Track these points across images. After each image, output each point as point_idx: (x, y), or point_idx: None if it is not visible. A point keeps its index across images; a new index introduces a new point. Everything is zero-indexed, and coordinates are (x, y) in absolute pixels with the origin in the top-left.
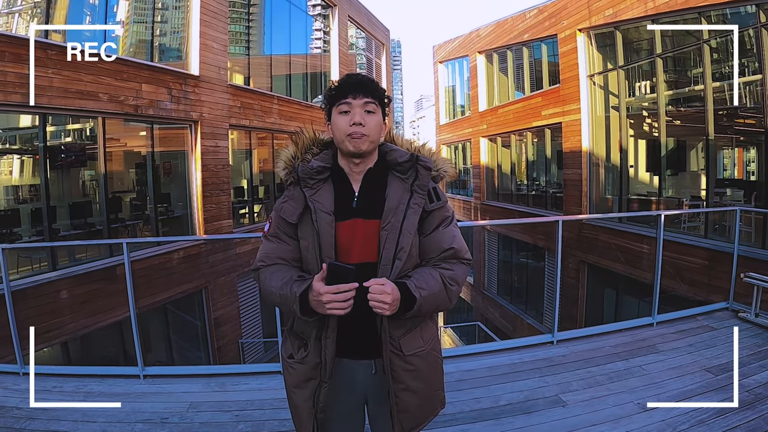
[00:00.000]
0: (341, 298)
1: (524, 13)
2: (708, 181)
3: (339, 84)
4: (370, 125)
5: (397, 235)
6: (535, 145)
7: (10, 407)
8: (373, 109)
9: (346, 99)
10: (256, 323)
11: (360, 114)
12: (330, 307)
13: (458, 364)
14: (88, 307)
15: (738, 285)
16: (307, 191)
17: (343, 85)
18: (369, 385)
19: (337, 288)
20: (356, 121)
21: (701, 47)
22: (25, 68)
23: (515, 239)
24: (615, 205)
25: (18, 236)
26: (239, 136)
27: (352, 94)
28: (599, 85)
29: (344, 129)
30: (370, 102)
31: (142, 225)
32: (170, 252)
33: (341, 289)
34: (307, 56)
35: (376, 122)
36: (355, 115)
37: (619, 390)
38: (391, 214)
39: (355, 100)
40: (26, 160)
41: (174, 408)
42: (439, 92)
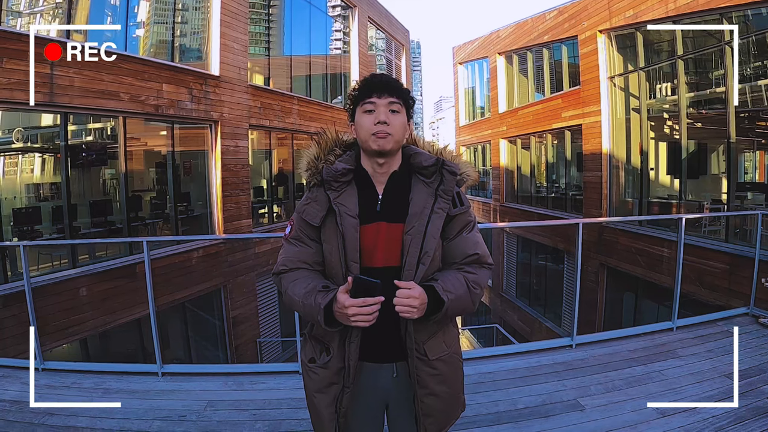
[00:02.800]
0: (367, 311)
1: (544, 15)
2: (729, 185)
3: (363, 83)
4: (395, 125)
5: (421, 239)
6: (555, 147)
7: (29, 402)
8: (398, 109)
9: (371, 98)
10: (274, 323)
11: (385, 113)
12: (355, 320)
13: (476, 367)
14: (107, 304)
15: (759, 290)
16: (331, 194)
17: (368, 84)
18: (390, 389)
19: (363, 301)
20: (381, 119)
21: (723, 49)
22: (47, 68)
23: (534, 241)
24: (635, 208)
25: (39, 233)
26: (259, 136)
27: (377, 94)
28: (620, 86)
29: (369, 128)
30: (395, 102)
31: (161, 224)
32: (189, 251)
33: (367, 302)
34: (326, 57)
35: (400, 122)
36: (380, 114)
37: (638, 395)
38: (416, 219)
39: (380, 100)
40: (47, 159)
41: (192, 406)
42: (458, 93)
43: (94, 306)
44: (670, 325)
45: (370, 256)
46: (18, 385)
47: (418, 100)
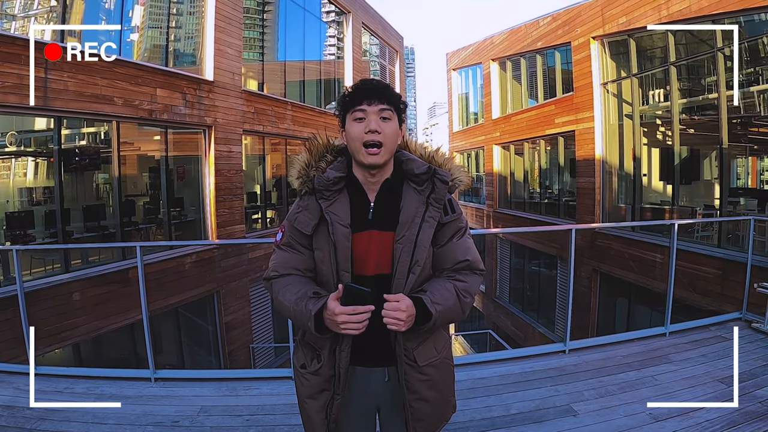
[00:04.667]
0: (356, 320)
1: (538, 21)
2: (721, 190)
3: (353, 90)
4: (387, 133)
5: (411, 248)
6: (548, 153)
7: (21, 407)
8: (389, 115)
9: (361, 105)
10: (267, 328)
11: (375, 121)
12: (345, 328)
13: (469, 372)
14: (100, 309)
15: (751, 295)
16: (323, 202)
17: (358, 91)
18: (382, 393)
19: (354, 309)
20: (372, 128)
21: (715, 55)
22: (41, 71)
23: (527, 247)
24: (628, 214)
25: (32, 238)
26: (253, 141)
27: (367, 101)
28: (613, 93)
29: (359, 137)
30: (386, 108)
31: (155, 229)
32: (183, 256)
33: (357, 310)
34: (320, 62)
35: (392, 129)
36: (370, 122)
37: (631, 400)
38: (406, 227)
39: (371, 107)
40: (41, 163)
41: (185, 411)
42: (452, 99)
43: (87, 311)
44: (663, 330)
45: (362, 264)
46: (10, 390)
47: (412, 106)
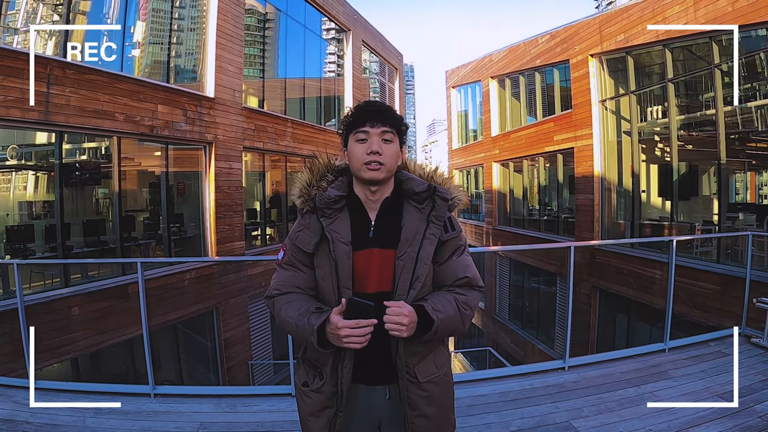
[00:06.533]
0: (359, 333)
1: (536, 39)
2: (720, 206)
3: (357, 111)
4: (387, 154)
5: (413, 265)
6: (547, 170)
7: (20, 421)
8: (391, 138)
9: (364, 127)
10: (266, 345)
11: (377, 143)
12: (347, 341)
13: (469, 389)
14: (99, 324)
15: (750, 310)
16: (324, 221)
17: (361, 112)
18: (383, 410)
19: (356, 323)
20: (374, 149)
21: (712, 72)
22: (43, 86)
23: (527, 264)
24: (627, 231)
25: (32, 252)
26: (253, 158)
27: (370, 123)
28: (611, 110)
29: (361, 158)
30: (387, 131)
31: (154, 244)
32: (182, 272)
33: (360, 324)
34: (320, 80)
35: (393, 151)
36: (372, 143)
37: (630, 416)
38: (407, 245)
39: (373, 129)
40: (41, 177)
41: (184, 427)
42: (451, 117)
43: (86, 325)
44: (663, 346)
45: (363, 282)
46: (9, 404)
47: (411, 123)
